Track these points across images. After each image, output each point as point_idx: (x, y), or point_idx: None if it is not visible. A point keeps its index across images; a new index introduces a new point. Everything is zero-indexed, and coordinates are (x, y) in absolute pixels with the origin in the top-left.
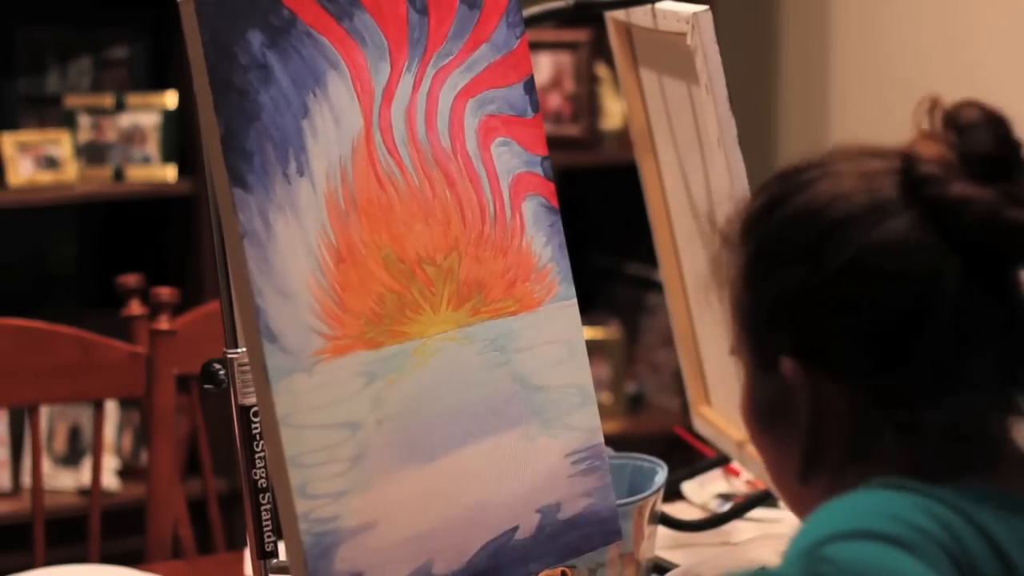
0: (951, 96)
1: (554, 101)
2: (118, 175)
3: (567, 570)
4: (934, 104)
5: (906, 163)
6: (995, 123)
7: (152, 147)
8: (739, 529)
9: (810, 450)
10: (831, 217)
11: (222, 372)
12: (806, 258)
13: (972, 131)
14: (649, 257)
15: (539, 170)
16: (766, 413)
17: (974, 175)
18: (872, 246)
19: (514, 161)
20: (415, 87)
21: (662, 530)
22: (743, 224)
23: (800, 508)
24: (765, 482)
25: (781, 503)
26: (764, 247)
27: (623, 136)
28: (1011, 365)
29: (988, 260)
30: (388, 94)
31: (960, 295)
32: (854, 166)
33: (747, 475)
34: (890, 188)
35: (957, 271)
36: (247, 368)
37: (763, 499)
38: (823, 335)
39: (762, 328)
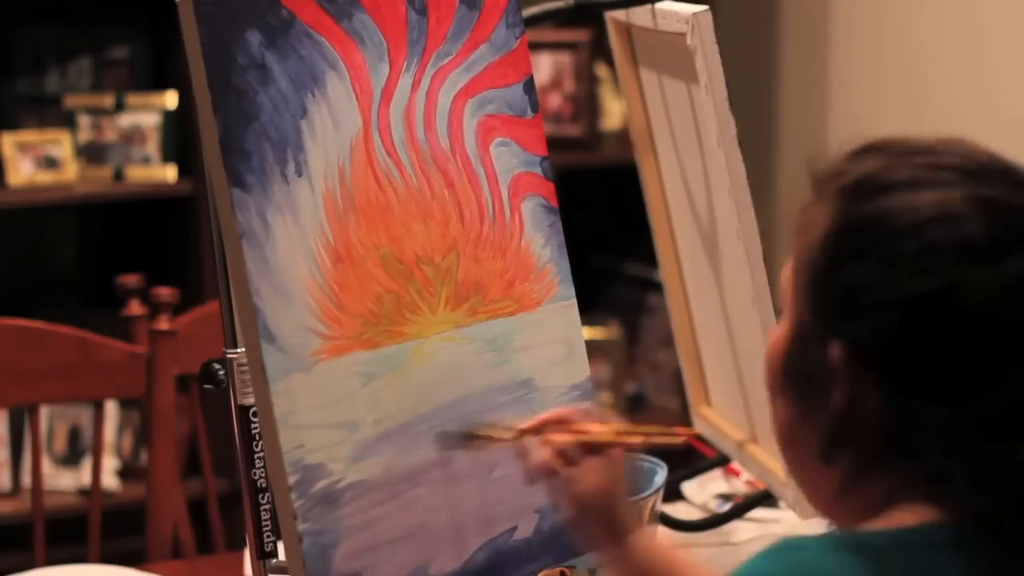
0: (952, 95)
1: (554, 101)
2: (118, 175)
3: (566, 570)
4: None
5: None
6: None
7: (152, 147)
8: (739, 529)
9: (831, 437)
10: (939, 236)
11: (222, 372)
12: (902, 265)
13: None
14: (649, 257)
15: (538, 170)
16: (796, 376)
17: None
18: (984, 280)
19: (513, 161)
20: (414, 87)
21: (662, 530)
22: (837, 187)
23: (802, 476)
24: (764, 481)
25: (781, 503)
26: (856, 228)
27: (623, 136)
28: None
29: None
30: (387, 94)
31: None
32: (969, 185)
33: (747, 475)
34: (1010, 224)
35: None
36: (246, 368)
37: (763, 499)
38: (891, 344)
39: (826, 302)
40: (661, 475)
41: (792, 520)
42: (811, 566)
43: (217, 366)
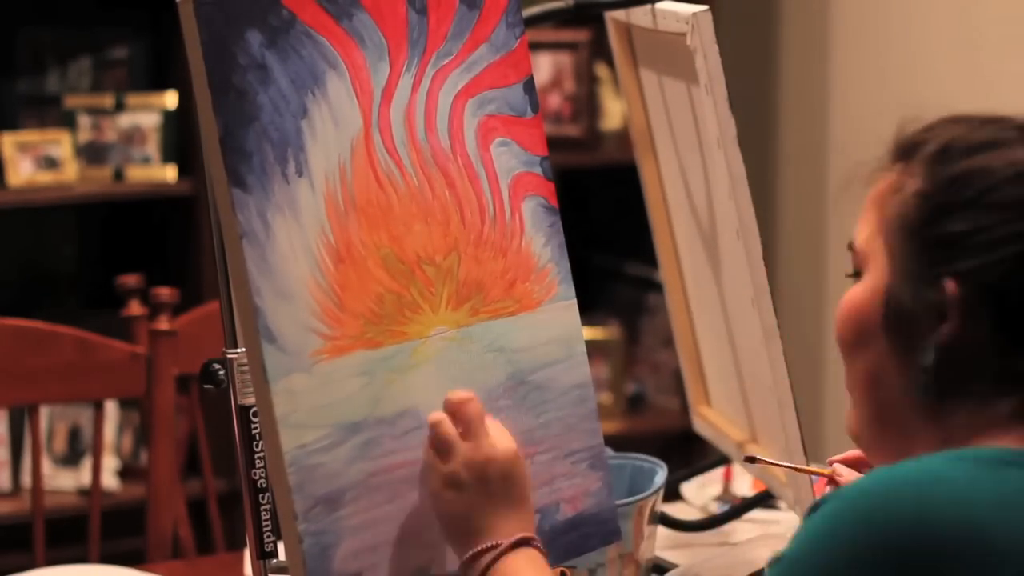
0: (951, 96)
1: (554, 101)
2: (118, 175)
3: (567, 570)
4: None
5: None
6: None
7: (152, 147)
8: (739, 529)
9: (935, 369)
10: None
11: (222, 372)
12: (1012, 208)
13: None
14: (649, 257)
15: (539, 170)
16: (895, 321)
17: None
18: None
19: (513, 161)
20: (414, 87)
21: (662, 530)
22: (925, 153)
23: (882, 418)
24: (765, 481)
25: (781, 503)
26: (955, 183)
27: (623, 136)
28: None
29: None
30: (387, 94)
31: None
32: None
33: (748, 477)
34: None
35: None
36: (247, 368)
37: (762, 500)
38: (1006, 274)
39: (933, 248)
40: (661, 475)
41: (792, 520)
42: (933, 469)
43: (217, 366)
